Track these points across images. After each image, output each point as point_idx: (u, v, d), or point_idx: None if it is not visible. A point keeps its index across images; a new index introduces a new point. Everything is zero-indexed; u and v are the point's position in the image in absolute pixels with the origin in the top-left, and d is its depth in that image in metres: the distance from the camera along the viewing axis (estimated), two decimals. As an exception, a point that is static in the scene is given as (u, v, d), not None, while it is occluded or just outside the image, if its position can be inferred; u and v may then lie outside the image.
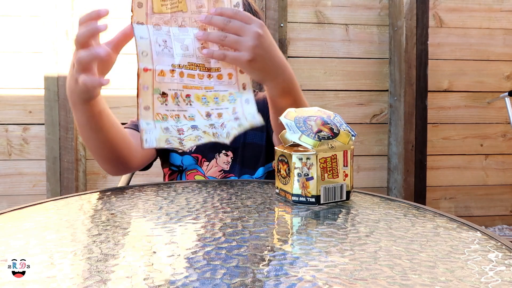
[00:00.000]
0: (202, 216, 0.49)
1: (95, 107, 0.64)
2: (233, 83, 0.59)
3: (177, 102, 0.58)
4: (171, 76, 0.57)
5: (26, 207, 0.53)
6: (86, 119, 0.65)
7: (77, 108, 0.64)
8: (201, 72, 0.58)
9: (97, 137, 0.67)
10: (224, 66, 0.58)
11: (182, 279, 0.31)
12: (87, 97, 0.62)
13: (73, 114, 0.67)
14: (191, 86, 0.58)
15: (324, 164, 0.53)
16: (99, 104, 0.65)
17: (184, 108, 0.58)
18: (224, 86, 0.59)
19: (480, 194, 2.02)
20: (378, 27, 1.95)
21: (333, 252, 0.37)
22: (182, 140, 0.56)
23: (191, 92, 0.58)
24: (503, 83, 2.00)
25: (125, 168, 0.75)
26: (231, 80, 0.59)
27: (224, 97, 0.59)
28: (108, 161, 0.72)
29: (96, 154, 0.71)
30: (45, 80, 1.71)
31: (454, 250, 0.38)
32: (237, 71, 0.59)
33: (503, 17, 1.99)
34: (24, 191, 1.78)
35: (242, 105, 0.58)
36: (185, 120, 0.58)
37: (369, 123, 1.96)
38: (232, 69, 0.59)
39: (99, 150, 0.70)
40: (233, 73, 0.59)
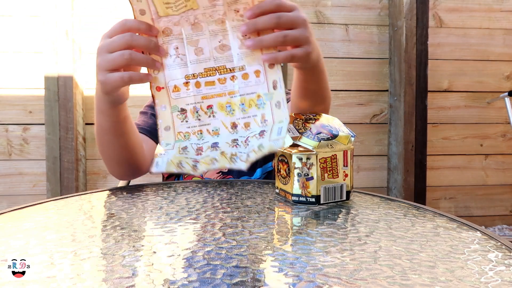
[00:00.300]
0: (202, 216, 0.49)
1: (122, 112, 0.63)
2: (262, 82, 0.51)
3: (197, 116, 0.52)
4: (186, 89, 0.52)
5: (26, 207, 0.53)
6: (112, 124, 0.64)
7: (105, 113, 0.62)
8: (222, 75, 0.51)
9: (118, 142, 0.66)
10: (250, 62, 0.51)
11: (182, 279, 0.31)
12: (117, 101, 0.61)
13: (96, 120, 0.65)
14: (212, 95, 0.52)
15: (324, 164, 0.53)
16: (125, 109, 0.64)
17: (206, 121, 0.52)
18: (251, 88, 0.51)
19: (480, 194, 2.02)
20: (378, 27, 1.95)
21: (333, 252, 0.37)
22: (197, 162, 0.50)
23: (212, 102, 0.52)
24: (503, 83, 2.00)
25: (136, 173, 0.73)
26: (259, 79, 0.51)
27: (251, 102, 0.51)
28: (122, 166, 0.71)
29: (112, 159, 0.70)
30: (45, 80, 1.71)
31: (454, 250, 0.38)
32: (265, 66, 0.50)
33: (503, 17, 1.99)
34: (24, 191, 1.78)
35: (272, 111, 0.51)
36: (209, 136, 0.52)
37: (369, 123, 1.96)
38: (259, 65, 0.50)
39: (117, 155, 0.69)
40: (260, 70, 0.51)
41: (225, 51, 0.51)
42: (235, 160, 0.50)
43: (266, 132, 0.50)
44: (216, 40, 0.51)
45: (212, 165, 0.50)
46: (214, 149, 0.51)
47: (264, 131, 0.51)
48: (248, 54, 0.51)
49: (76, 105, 1.73)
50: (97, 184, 1.81)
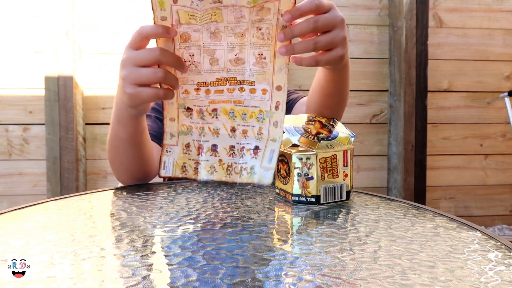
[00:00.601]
0: (202, 216, 0.49)
1: (141, 123, 0.63)
2: (266, 100, 0.53)
3: (201, 116, 0.55)
4: (196, 94, 0.53)
5: (26, 207, 0.53)
6: (130, 134, 0.64)
7: (124, 124, 0.62)
8: (232, 86, 0.53)
9: (134, 152, 0.66)
10: (260, 81, 0.52)
11: (182, 279, 0.31)
12: (141, 113, 0.61)
13: (112, 129, 0.65)
14: (218, 101, 0.54)
15: (324, 164, 0.53)
16: (144, 120, 0.64)
17: (209, 121, 0.55)
18: (255, 102, 0.53)
19: (480, 194, 2.02)
20: (378, 27, 1.95)
21: (333, 252, 0.37)
22: (199, 164, 0.54)
23: (218, 106, 0.54)
24: (502, 83, 2.00)
25: (144, 179, 0.73)
26: (264, 96, 0.53)
27: (253, 114, 0.54)
28: (132, 173, 0.70)
29: (123, 167, 0.69)
30: (45, 80, 1.71)
31: (454, 250, 0.38)
32: (273, 87, 0.52)
33: (502, 17, 1.99)
34: (24, 191, 1.78)
35: (269, 128, 0.53)
36: (209, 133, 0.55)
37: (369, 123, 1.96)
38: (268, 85, 0.52)
39: (130, 164, 0.68)
40: (268, 89, 0.52)
41: (239, 65, 0.52)
42: (230, 173, 0.55)
43: (260, 152, 0.54)
44: (232, 53, 0.51)
45: (211, 175, 0.54)
46: (213, 154, 0.55)
47: (258, 148, 0.54)
48: (260, 72, 0.52)
49: (76, 105, 1.73)
50: (97, 184, 1.82)
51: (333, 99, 0.68)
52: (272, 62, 0.51)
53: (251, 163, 0.54)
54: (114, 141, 0.66)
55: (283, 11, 0.48)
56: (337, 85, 0.66)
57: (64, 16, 1.72)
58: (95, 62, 1.77)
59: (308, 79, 1.90)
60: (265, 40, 0.50)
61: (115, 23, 1.78)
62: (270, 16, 0.49)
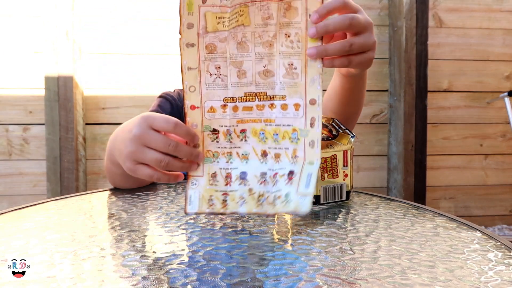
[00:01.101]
0: (202, 216, 0.49)
1: None
2: (300, 116, 0.47)
3: (229, 139, 0.49)
4: (223, 112, 0.49)
5: (27, 207, 0.53)
6: (123, 171, 0.59)
7: (117, 166, 0.58)
8: (261, 102, 0.49)
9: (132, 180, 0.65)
10: (291, 94, 0.48)
11: (182, 279, 0.31)
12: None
13: (106, 161, 0.64)
14: (247, 120, 0.49)
15: (324, 164, 0.53)
16: None
17: (237, 144, 0.50)
18: (288, 120, 0.48)
19: (480, 194, 2.02)
20: (378, 27, 1.95)
21: (333, 252, 0.37)
22: (227, 195, 0.48)
23: (247, 127, 0.49)
24: (502, 83, 2.00)
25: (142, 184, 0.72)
26: (297, 112, 0.48)
27: (285, 134, 0.48)
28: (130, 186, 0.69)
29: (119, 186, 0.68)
30: (45, 80, 1.71)
31: (454, 250, 0.38)
32: (306, 101, 0.47)
33: (502, 17, 1.99)
34: (24, 191, 1.78)
35: (305, 148, 0.47)
36: (238, 160, 0.49)
37: (369, 123, 1.96)
38: (301, 98, 0.47)
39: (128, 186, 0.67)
40: (301, 104, 0.47)
41: (268, 77, 0.48)
42: (262, 203, 0.47)
43: (295, 177, 0.47)
44: (261, 64, 0.48)
45: (240, 206, 0.48)
46: (242, 183, 0.49)
47: (293, 172, 0.48)
48: (291, 85, 0.48)
49: (76, 105, 1.73)
50: (97, 184, 1.81)
51: (349, 108, 0.67)
52: (304, 72, 0.47)
53: (285, 190, 0.47)
54: (110, 172, 0.65)
55: (310, 10, 0.46)
56: (353, 93, 0.65)
57: (64, 16, 1.72)
58: (95, 62, 1.77)
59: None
60: (295, 48, 0.47)
61: (115, 23, 1.78)
62: (298, 18, 0.46)
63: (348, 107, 0.67)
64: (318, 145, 0.47)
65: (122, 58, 1.77)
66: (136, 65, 1.77)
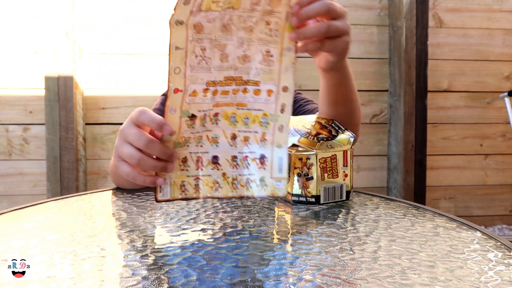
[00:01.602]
0: (202, 216, 0.49)
1: None
2: (271, 102, 0.49)
3: (203, 123, 0.50)
4: (203, 95, 0.49)
5: (27, 207, 0.53)
6: None
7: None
8: (237, 86, 0.49)
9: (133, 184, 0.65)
10: (265, 80, 0.49)
11: (182, 279, 0.31)
12: None
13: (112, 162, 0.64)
14: (222, 103, 0.50)
15: (324, 164, 0.53)
16: None
17: (209, 127, 0.50)
18: (259, 105, 0.50)
19: (480, 194, 2.02)
20: (378, 27, 1.95)
21: (333, 252, 0.37)
22: (199, 180, 0.49)
23: (220, 110, 0.50)
24: (502, 83, 2.00)
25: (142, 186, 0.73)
26: (269, 98, 0.49)
27: (256, 118, 0.50)
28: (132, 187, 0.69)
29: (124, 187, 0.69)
30: (45, 80, 1.71)
31: (454, 250, 0.38)
32: (279, 88, 0.49)
33: (502, 17, 1.99)
34: (24, 191, 1.78)
35: (274, 133, 0.49)
36: (207, 143, 0.50)
37: (369, 123, 1.96)
38: (274, 85, 0.49)
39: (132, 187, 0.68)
40: (273, 90, 0.49)
41: (245, 63, 0.49)
42: (236, 186, 0.49)
43: (267, 161, 0.50)
44: (241, 49, 0.49)
45: (214, 192, 0.49)
46: (215, 168, 0.50)
47: (264, 157, 0.50)
48: (266, 71, 0.49)
49: (76, 105, 1.73)
50: (97, 184, 1.81)
51: (340, 108, 0.66)
52: (279, 60, 0.49)
53: (259, 174, 0.50)
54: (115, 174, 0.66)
55: (292, 2, 0.47)
56: (339, 90, 0.65)
57: (64, 16, 1.72)
58: (95, 62, 1.77)
59: (308, 79, 1.90)
60: (273, 36, 0.48)
61: (115, 23, 1.78)
62: (280, 8, 0.47)
63: (337, 107, 0.66)
64: (286, 129, 0.49)
65: (122, 58, 1.76)
66: (136, 65, 1.77)
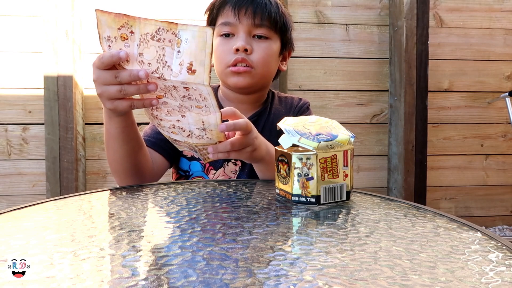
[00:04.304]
0: (202, 216, 0.49)
1: (129, 118, 0.67)
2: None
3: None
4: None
5: (26, 207, 0.53)
6: (120, 130, 0.67)
7: (112, 120, 0.65)
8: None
9: (126, 148, 0.69)
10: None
11: (182, 279, 0.31)
12: (123, 113, 0.65)
13: (105, 127, 0.68)
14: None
15: (324, 164, 0.53)
16: (131, 115, 0.67)
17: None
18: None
19: (481, 195, 2.02)
20: (378, 27, 1.94)
21: (333, 252, 0.36)
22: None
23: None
24: (503, 83, 2.00)
25: (140, 179, 0.75)
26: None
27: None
28: (130, 175, 0.73)
29: (119, 167, 0.72)
30: (45, 80, 1.71)
31: (455, 251, 0.38)
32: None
33: (503, 17, 1.99)
34: (23, 191, 1.78)
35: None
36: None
37: (369, 123, 1.96)
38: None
39: (124, 162, 0.71)
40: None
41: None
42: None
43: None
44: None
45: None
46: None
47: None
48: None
49: (76, 105, 1.73)
50: (96, 184, 1.81)
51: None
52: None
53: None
54: (107, 139, 0.70)
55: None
56: (265, 174, 0.75)
57: (64, 16, 1.72)
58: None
59: (308, 79, 1.90)
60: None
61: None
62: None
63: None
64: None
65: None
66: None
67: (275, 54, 0.89)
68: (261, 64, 0.84)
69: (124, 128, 0.67)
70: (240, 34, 0.84)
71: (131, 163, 0.71)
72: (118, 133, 0.67)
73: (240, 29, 0.84)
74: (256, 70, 0.84)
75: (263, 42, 0.85)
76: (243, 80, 0.84)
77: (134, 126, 0.69)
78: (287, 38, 0.91)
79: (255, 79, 0.85)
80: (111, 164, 0.73)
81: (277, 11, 0.86)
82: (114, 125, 0.66)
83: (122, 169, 0.72)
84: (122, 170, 0.72)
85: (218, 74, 0.88)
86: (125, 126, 0.66)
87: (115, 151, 0.70)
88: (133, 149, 0.70)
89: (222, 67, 0.85)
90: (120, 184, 0.75)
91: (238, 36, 0.84)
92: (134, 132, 0.69)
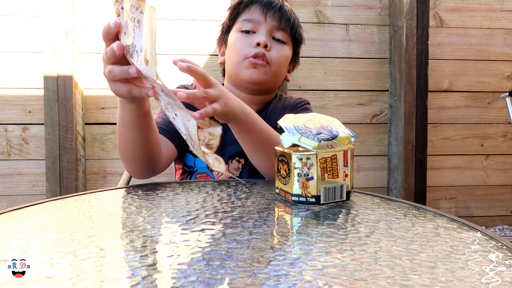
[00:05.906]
0: (202, 216, 0.49)
1: (143, 108, 0.65)
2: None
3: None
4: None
5: (26, 207, 0.53)
6: (132, 117, 0.65)
7: (125, 106, 0.64)
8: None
9: (138, 137, 0.68)
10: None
11: (182, 279, 0.31)
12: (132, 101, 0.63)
13: (118, 112, 0.67)
14: None
15: (324, 164, 0.53)
16: (146, 105, 0.66)
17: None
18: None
19: (481, 195, 2.02)
20: (378, 27, 1.94)
21: (333, 252, 0.36)
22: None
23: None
24: (503, 83, 2.00)
25: (152, 171, 0.75)
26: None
27: None
28: (140, 163, 0.72)
29: (129, 155, 0.71)
30: (45, 80, 1.70)
31: (455, 251, 0.38)
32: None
33: (503, 17, 1.98)
34: (23, 191, 1.77)
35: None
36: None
37: (369, 123, 1.96)
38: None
39: (135, 151, 0.70)
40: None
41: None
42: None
43: None
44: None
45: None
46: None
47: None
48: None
49: (76, 105, 1.73)
50: (96, 184, 1.81)
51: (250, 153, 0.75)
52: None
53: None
54: (120, 126, 0.68)
55: None
56: (242, 139, 0.72)
57: (64, 16, 1.71)
58: (94, 62, 1.77)
59: (308, 79, 1.90)
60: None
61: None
62: None
63: (247, 151, 0.75)
64: None
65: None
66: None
67: (288, 60, 0.94)
68: (277, 63, 0.88)
69: (136, 116, 0.65)
70: (261, 31, 0.87)
71: (141, 152, 0.70)
72: (129, 121, 0.66)
73: (262, 27, 0.87)
74: (271, 67, 0.87)
75: (281, 45, 0.90)
76: (258, 74, 0.86)
77: (147, 117, 0.67)
78: (297, 50, 0.98)
79: (268, 75, 0.87)
80: (120, 149, 0.72)
81: (298, 25, 0.93)
82: (125, 111, 0.65)
83: (131, 156, 0.71)
84: (132, 157, 0.71)
85: (233, 66, 0.88)
86: (137, 115, 0.65)
87: (124, 138, 0.69)
88: (144, 139, 0.69)
89: (240, 58, 0.86)
90: (128, 170, 0.74)
91: (259, 33, 0.87)
92: (146, 123, 0.67)
